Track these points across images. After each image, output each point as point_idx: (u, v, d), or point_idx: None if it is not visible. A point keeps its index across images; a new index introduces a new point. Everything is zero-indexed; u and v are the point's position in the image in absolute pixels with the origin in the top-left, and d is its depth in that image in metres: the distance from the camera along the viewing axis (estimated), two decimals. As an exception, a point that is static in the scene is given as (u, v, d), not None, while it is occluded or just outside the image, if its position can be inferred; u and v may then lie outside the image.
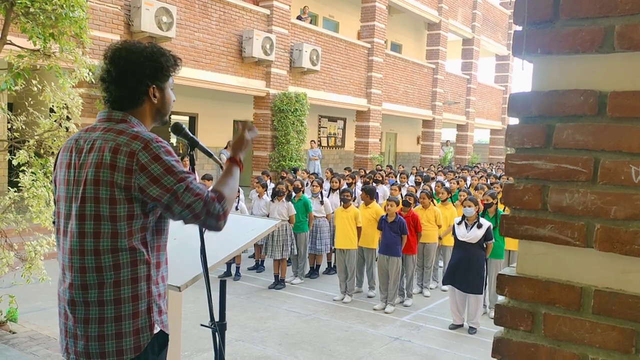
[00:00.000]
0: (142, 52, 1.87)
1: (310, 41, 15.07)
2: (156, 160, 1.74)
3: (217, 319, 2.33)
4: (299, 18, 15.31)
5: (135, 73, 1.85)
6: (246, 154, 2.11)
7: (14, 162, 4.76)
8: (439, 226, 7.61)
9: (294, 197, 8.04)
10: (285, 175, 10.90)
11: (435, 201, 8.07)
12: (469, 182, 11.32)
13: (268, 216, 7.82)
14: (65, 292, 1.85)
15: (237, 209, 7.74)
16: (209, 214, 1.75)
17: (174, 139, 15.34)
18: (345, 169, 13.78)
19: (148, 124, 1.94)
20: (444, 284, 6.80)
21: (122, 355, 1.78)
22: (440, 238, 7.78)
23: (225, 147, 13.19)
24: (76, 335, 1.81)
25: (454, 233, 6.40)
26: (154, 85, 1.90)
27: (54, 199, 1.95)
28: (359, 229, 7.20)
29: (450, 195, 8.28)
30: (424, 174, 12.85)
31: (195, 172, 2.12)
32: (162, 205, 1.76)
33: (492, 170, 17.66)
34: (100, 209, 1.76)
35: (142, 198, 1.76)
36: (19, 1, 4.22)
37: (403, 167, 16.28)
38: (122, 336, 1.78)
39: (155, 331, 1.85)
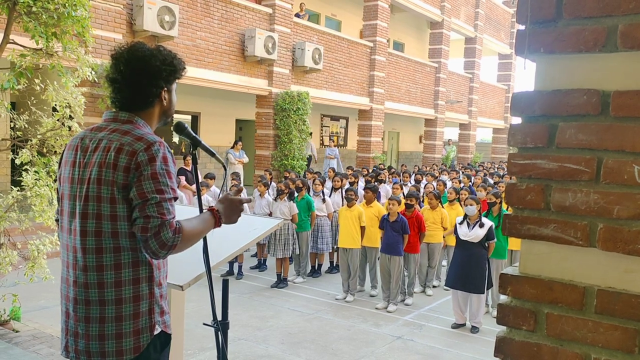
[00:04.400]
0: (157, 55, 1.88)
1: (313, 40, 15.06)
2: (150, 163, 1.75)
3: (219, 317, 2.34)
4: (296, 16, 15.29)
5: (151, 75, 1.86)
6: (231, 219, 2.02)
7: (17, 161, 4.78)
8: (445, 228, 7.57)
9: (297, 196, 8.04)
10: (288, 175, 10.90)
11: (441, 202, 8.03)
12: (472, 181, 11.30)
13: (270, 215, 7.82)
14: (68, 290, 1.86)
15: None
16: (156, 236, 1.71)
17: (176, 138, 15.37)
18: (347, 168, 13.77)
19: (154, 125, 1.95)
20: (446, 285, 6.80)
21: (122, 356, 1.79)
22: (443, 237, 7.75)
23: (232, 147, 13.19)
24: (77, 334, 1.82)
25: (455, 232, 6.39)
26: (166, 88, 1.91)
27: (58, 197, 1.96)
28: (362, 229, 7.20)
29: (457, 195, 8.23)
30: (426, 172, 12.84)
31: (198, 171, 2.12)
32: (132, 206, 1.76)
33: (494, 170, 17.61)
34: (101, 208, 1.77)
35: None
36: (21, 0, 4.23)
37: (405, 166, 16.26)
38: (122, 336, 1.79)
39: (156, 332, 1.86)
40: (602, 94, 1.14)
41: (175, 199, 1.80)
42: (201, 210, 2.02)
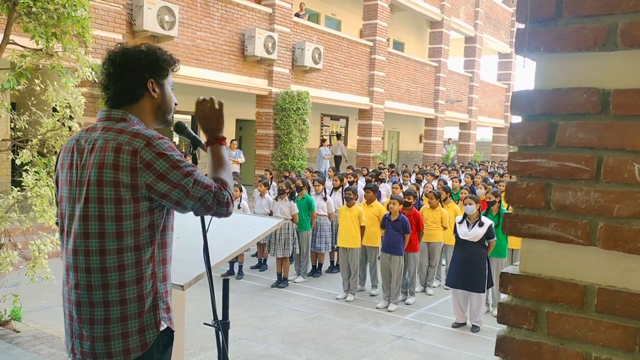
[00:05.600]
0: (138, 47, 1.91)
1: (313, 40, 15.05)
2: (161, 157, 1.75)
3: (220, 317, 2.34)
4: (296, 15, 15.30)
5: (132, 66, 1.87)
6: (222, 126, 2.09)
7: (17, 162, 4.78)
8: (445, 228, 7.57)
9: (297, 195, 8.04)
10: (287, 174, 10.90)
11: (441, 201, 8.03)
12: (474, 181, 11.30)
13: (271, 214, 7.83)
14: (70, 293, 1.84)
15: (239, 207, 7.75)
16: (220, 203, 1.82)
17: (176, 138, 15.37)
18: (347, 167, 13.76)
19: (149, 123, 1.93)
20: (447, 285, 6.79)
21: (129, 354, 1.79)
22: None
23: (229, 146, 13.18)
24: (82, 336, 1.81)
25: (455, 232, 6.39)
26: (152, 79, 1.90)
27: (56, 200, 1.95)
28: (362, 228, 7.20)
29: (449, 194, 8.25)
30: (426, 171, 12.84)
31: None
32: (171, 201, 1.77)
33: (494, 169, 17.60)
34: (104, 209, 1.76)
35: (149, 195, 1.76)
36: (21, 1, 4.22)
37: (406, 165, 16.25)
38: (129, 335, 1.78)
39: (162, 328, 1.85)
40: (602, 92, 1.14)
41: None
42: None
